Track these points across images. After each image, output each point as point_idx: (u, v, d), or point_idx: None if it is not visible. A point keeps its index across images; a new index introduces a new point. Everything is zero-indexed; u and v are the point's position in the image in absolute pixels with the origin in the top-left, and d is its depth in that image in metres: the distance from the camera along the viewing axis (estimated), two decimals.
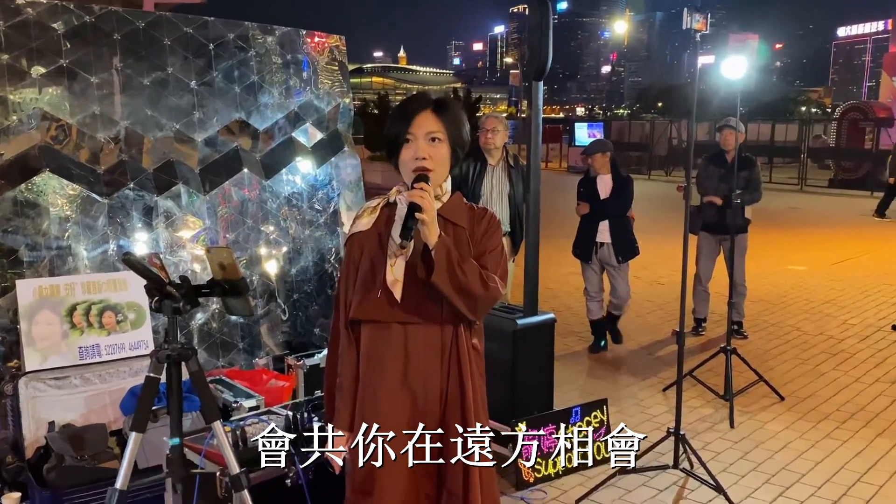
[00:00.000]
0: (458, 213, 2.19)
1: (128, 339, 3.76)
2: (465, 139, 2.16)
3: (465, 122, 2.18)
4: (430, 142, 2.11)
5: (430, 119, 2.11)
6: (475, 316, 2.13)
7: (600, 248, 6.15)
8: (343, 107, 5.08)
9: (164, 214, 4.19)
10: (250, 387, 3.77)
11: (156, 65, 4.23)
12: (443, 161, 2.12)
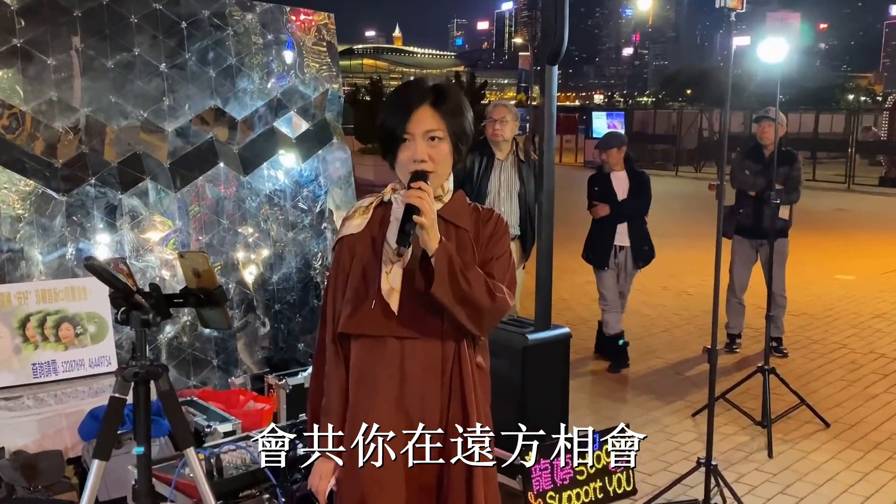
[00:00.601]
0: (461, 214, 2.20)
1: (87, 354, 3.77)
2: (467, 131, 2.17)
3: (467, 112, 2.18)
4: (429, 141, 2.11)
5: (428, 115, 2.12)
6: (480, 330, 2.14)
7: (619, 253, 6.18)
8: (332, 93, 5.10)
9: (129, 214, 4.20)
10: (226, 409, 3.77)
11: (121, 45, 4.25)
12: (444, 160, 2.14)
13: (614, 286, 6.24)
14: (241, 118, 4.66)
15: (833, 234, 13.04)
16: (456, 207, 2.21)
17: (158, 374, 2.36)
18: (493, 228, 2.20)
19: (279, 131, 4.83)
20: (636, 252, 6.18)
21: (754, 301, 7.24)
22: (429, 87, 2.16)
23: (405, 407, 2.14)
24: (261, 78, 4.75)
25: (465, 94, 2.32)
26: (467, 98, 2.26)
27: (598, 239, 6.19)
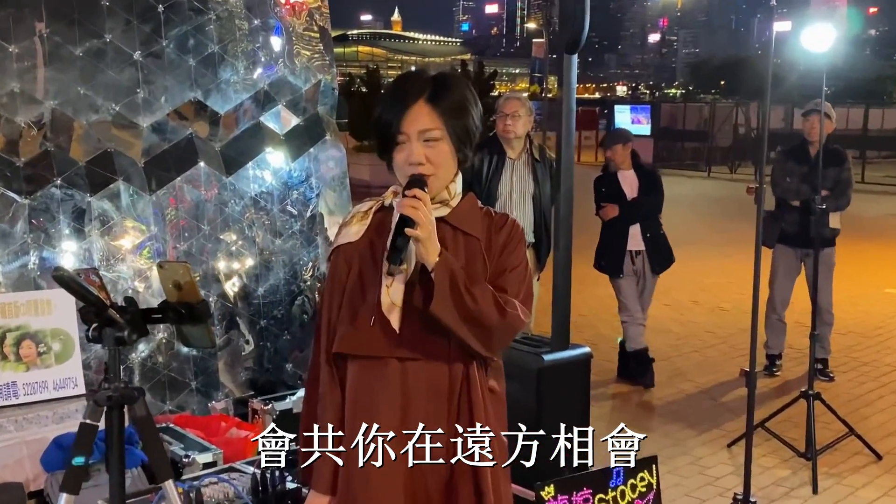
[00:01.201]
0: (471, 219, 2.21)
1: (52, 375, 3.78)
2: (471, 129, 2.16)
3: (472, 107, 2.17)
4: (425, 142, 2.12)
5: (423, 113, 2.12)
6: (490, 351, 2.14)
7: (636, 259, 6.20)
8: (325, 84, 5.13)
9: (98, 219, 4.23)
10: (205, 437, 3.78)
11: (90, 31, 4.28)
12: (445, 161, 2.14)
13: (635, 294, 6.28)
14: (224, 112, 4.69)
15: (884, 243, 13.02)
16: (465, 212, 2.21)
17: (134, 399, 2.37)
18: (507, 236, 2.20)
19: (266, 127, 4.85)
20: (653, 257, 6.21)
21: (796, 318, 7.24)
22: (427, 80, 2.16)
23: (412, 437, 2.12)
24: (246, 67, 4.77)
25: (472, 85, 2.33)
26: (475, 90, 2.26)
27: (610, 244, 6.23)
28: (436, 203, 2.16)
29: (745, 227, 6.42)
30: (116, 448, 2.38)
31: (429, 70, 2.26)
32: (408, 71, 2.34)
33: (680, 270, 10.57)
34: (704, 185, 22.92)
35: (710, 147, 26.77)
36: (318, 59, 5.11)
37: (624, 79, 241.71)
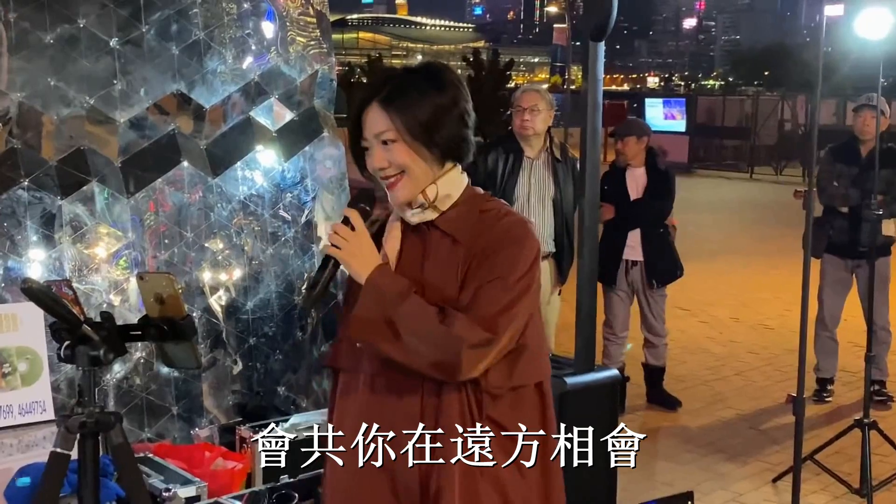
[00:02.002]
0: (465, 223, 2.22)
1: (17, 399, 3.79)
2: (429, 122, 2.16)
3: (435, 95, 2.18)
4: (383, 144, 2.19)
5: (376, 115, 2.19)
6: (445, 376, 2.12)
7: (631, 269, 6.21)
8: (322, 75, 5.14)
9: (70, 224, 4.25)
10: (188, 469, 3.78)
11: (62, 15, 4.30)
12: (407, 161, 2.18)
13: (625, 311, 6.32)
14: (210, 106, 4.71)
15: None
16: (461, 216, 2.23)
17: (110, 425, 2.38)
18: (494, 236, 2.17)
19: (257, 122, 4.87)
20: (652, 267, 6.19)
21: (849, 337, 7.22)
22: (380, 80, 2.25)
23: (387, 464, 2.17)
24: (234, 56, 4.79)
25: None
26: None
27: (603, 249, 6.19)
28: (415, 208, 2.22)
29: (792, 236, 6.41)
30: (90, 480, 2.39)
31: (391, 70, 2.31)
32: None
33: (719, 284, 10.60)
34: (746, 188, 22.90)
35: (753, 146, 26.73)
36: (315, 47, 5.13)
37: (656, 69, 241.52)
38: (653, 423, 6.24)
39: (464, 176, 2.27)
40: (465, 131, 2.23)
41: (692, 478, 5.29)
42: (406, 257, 2.23)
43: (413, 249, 2.24)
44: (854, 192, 6.19)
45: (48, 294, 2.29)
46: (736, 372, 7.41)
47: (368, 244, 2.17)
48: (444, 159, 2.22)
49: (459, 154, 2.24)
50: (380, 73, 2.30)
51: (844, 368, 7.04)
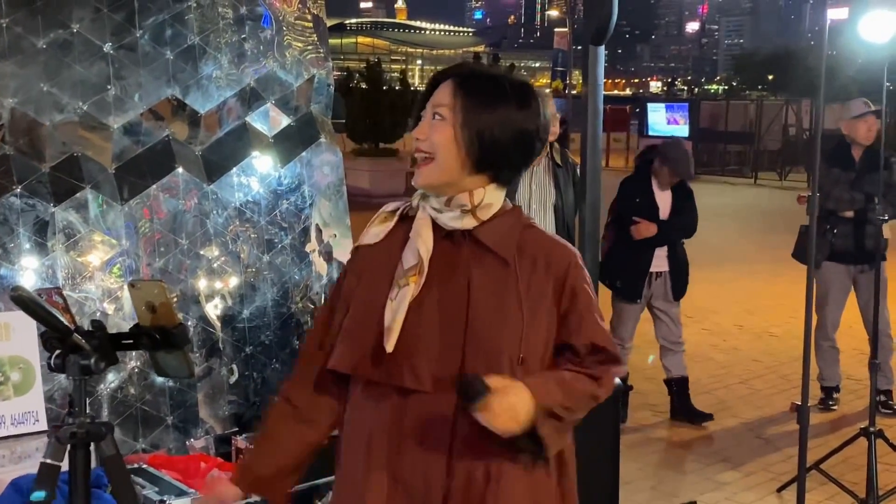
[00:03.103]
0: (509, 239, 2.17)
1: (10, 409, 3.78)
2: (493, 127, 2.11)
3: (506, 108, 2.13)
4: (432, 119, 2.15)
5: (446, 89, 2.16)
6: None
7: (655, 280, 6.21)
8: (319, 80, 5.14)
9: (63, 232, 4.24)
10: (183, 480, 3.78)
11: (55, 20, 4.30)
12: (444, 144, 2.12)
13: (635, 322, 6.32)
14: (206, 112, 4.70)
15: None
16: (502, 229, 2.18)
17: (101, 436, 2.37)
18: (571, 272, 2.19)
19: (253, 128, 4.87)
20: (676, 281, 6.20)
21: (854, 344, 7.22)
22: (468, 66, 2.23)
23: (404, 478, 2.13)
24: (230, 61, 4.80)
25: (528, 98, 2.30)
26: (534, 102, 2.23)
27: (629, 263, 6.19)
28: (454, 210, 2.16)
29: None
30: (82, 492, 2.38)
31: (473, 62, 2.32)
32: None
33: (723, 291, 10.60)
34: (750, 193, 22.90)
35: (757, 151, 26.76)
36: (312, 52, 5.13)
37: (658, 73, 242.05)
38: (656, 433, 6.23)
39: (503, 192, 2.23)
40: (517, 156, 2.19)
41: (696, 488, 5.28)
42: (437, 264, 2.14)
43: (445, 257, 2.15)
44: (858, 195, 6.19)
45: (38, 302, 2.28)
46: (740, 380, 7.40)
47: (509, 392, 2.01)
48: (478, 167, 2.15)
49: (500, 175, 2.19)
50: (467, 62, 2.30)
51: (850, 376, 7.04)
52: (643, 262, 6.16)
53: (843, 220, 6.29)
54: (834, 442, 5.61)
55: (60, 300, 2.44)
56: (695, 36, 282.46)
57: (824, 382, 6.68)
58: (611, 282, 6.24)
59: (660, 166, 6.20)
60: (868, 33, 4.82)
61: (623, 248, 6.19)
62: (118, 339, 2.49)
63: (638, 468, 5.51)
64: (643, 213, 6.15)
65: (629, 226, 6.15)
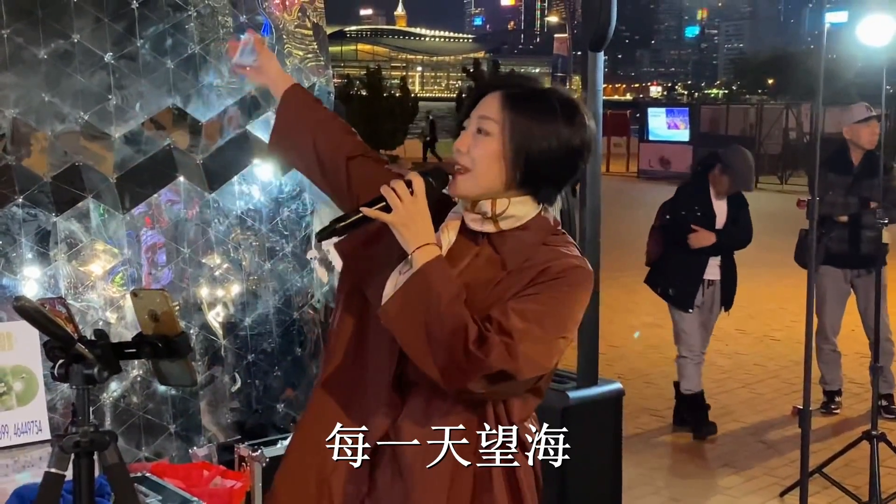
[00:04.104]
0: (523, 249, 2.15)
1: (13, 419, 3.79)
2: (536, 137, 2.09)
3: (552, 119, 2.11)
4: (477, 132, 2.13)
5: (494, 101, 2.14)
6: (448, 385, 2.04)
7: (707, 288, 6.14)
8: (319, 87, 5.15)
9: (65, 241, 4.25)
10: (186, 488, 3.78)
11: (56, 31, 4.31)
12: (485, 159, 2.11)
13: (699, 331, 6.19)
14: (206, 120, 4.71)
15: None
16: (521, 241, 2.16)
17: (105, 444, 2.38)
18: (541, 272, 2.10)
19: (254, 137, 4.87)
20: (726, 290, 6.16)
21: (856, 348, 7.22)
22: (515, 78, 2.21)
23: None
24: (230, 70, 4.80)
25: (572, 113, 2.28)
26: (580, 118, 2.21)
27: (684, 272, 6.10)
28: (476, 213, 2.17)
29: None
30: (86, 501, 2.39)
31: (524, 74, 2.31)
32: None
33: None
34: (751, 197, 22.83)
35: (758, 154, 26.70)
36: (312, 60, 5.14)
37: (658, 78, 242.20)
38: (658, 438, 6.23)
39: (537, 207, 2.20)
40: (561, 179, 2.19)
41: (698, 492, 5.28)
42: (453, 254, 2.15)
43: (460, 252, 2.17)
44: (853, 200, 6.20)
45: (41, 312, 2.29)
46: (742, 384, 7.40)
47: (425, 215, 2.08)
48: (522, 185, 2.14)
49: (542, 193, 2.18)
50: (516, 75, 2.27)
51: (852, 380, 7.04)
52: (697, 270, 6.08)
53: (838, 225, 6.30)
54: (836, 446, 5.61)
55: (63, 310, 2.45)
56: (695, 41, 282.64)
57: (826, 386, 6.68)
58: (663, 289, 6.18)
59: (720, 174, 6.11)
60: (866, 37, 4.83)
61: (677, 255, 6.12)
62: (121, 348, 2.50)
63: (640, 473, 5.51)
64: (699, 221, 6.06)
65: (685, 233, 6.06)
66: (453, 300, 2.01)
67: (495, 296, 2.09)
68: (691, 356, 6.18)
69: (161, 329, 2.48)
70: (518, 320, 2.02)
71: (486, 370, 1.99)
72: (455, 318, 2.00)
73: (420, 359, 2.03)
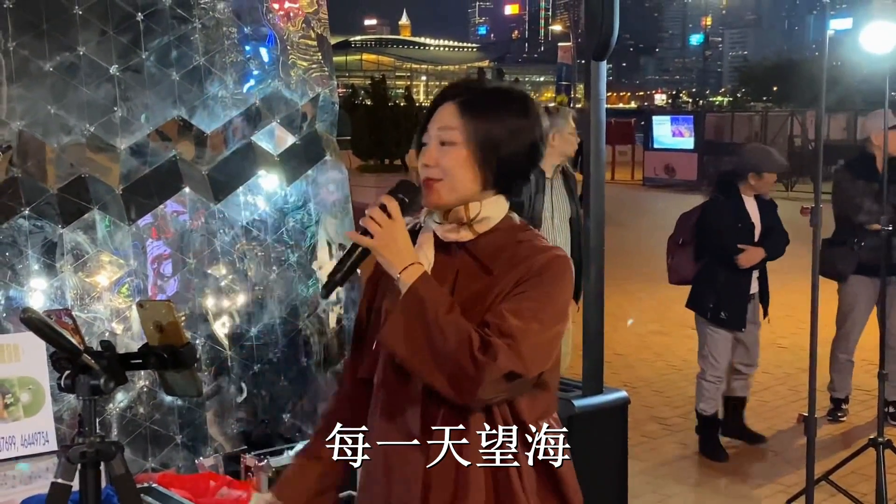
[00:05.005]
0: (500, 251, 2.18)
1: (20, 430, 3.80)
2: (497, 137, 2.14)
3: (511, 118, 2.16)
4: (441, 145, 2.16)
5: (449, 112, 2.17)
6: (461, 397, 2.07)
7: (748, 303, 6.01)
8: (324, 98, 5.17)
9: (72, 253, 4.26)
10: (192, 498, 3.79)
11: (62, 43, 4.33)
12: (456, 168, 2.14)
13: (728, 353, 6.06)
14: (211, 131, 4.73)
15: None
16: (496, 242, 2.19)
17: (111, 455, 2.38)
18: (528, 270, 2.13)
19: (258, 147, 4.89)
20: (764, 299, 6.10)
21: (863, 355, 7.19)
22: (462, 85, 2.24)
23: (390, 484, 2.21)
24: (235, 81, 4.82)
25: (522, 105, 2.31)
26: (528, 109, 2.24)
27: (732, 290, 5.92)
28: (451, 223, 2.19)
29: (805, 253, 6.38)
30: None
31: (469, 81, 2.31)
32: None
33: None
34: None
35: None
36: (317, 70, 5.16)
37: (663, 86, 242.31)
38: (664, 445, 6.22)
39: (506, 204, 2.23)
40: (528, 166, 2.21)
41: (706, 500, 5.27)
42: (435, 275, 2.16)
43: (443, 269, 2.19)
44: (889, 207, 6.12)
45: (47, 323, 2.30)
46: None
47: (405, 236, 2.11)
48: (494, 185, 2.18)
49: (511, 187, 2.21)
50: (462, 81, 2.28)
51: (859, 387, 7.02)
52: (744, 287, 5.93)
53: (870, 233, 6.16)
54: (843, 453, 5.60)
55: (70, 321, 2.46)
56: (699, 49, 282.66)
57: (834, 393, 6.67)
58: (712, 313, 5.96)
59: (756, 176, 5.92)
60: (869, 44, 4.83)
61: (722, 276, 5.92)
62: (127, 358, 2.50)
63: (646, 482, 5.50)
64: (741, 235, 5.90)
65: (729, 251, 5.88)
66: (449, 311, 2.05)
67: (487, 302, 2.12)
68: (716, 377, 6.03)
69: (167, 340, 2.49)
70: (515, 320, 2.05)
71: (495, 374, 2.01)
72: (456, 328, 2.03)
73: (428, 376, 2.06)
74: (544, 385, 2.20)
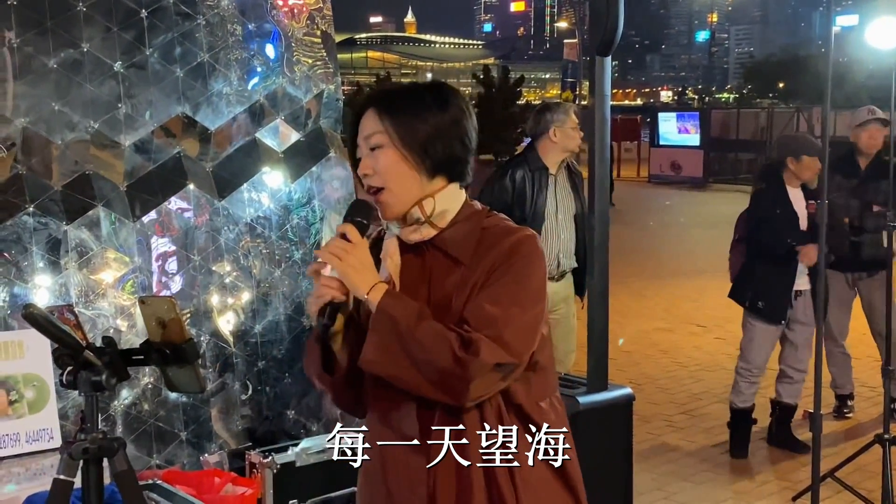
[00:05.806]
0: (467, 241, 2.19)
1: (24, 427, 3.80)
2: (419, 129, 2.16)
3: (434, 110, 2.18)
4: (371, 151, 2.19)
5: (369, 119, 2.20)
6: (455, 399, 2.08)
7: (796, 300, 5.91)
8: (328, 95, 5.16)
9: (76, 249, 4.26)
10: (197, 495, 3.79)
11: (66, 40, 4.33)
12: (391, 170, 2.16)
13: (769, 349, 6.00)
14: (216, 128, 4.73)
15: None
16: (461, 234, 2.20)
17: (114, 451, 2.38)
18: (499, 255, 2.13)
19: (263, 144, 4.89)
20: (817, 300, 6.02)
21: (868, 352, 7.19)
22: (379, 90, 2.28)
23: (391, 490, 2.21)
24: (239, 78, 4.82)
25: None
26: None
27: (772, 281, 5.86)
28: (410, 224, 2.20)
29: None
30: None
31: (386, 86, 2.35)
32: None
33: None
34: None
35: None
36: (321, 67, 5.16)
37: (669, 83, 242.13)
38: (669, 443, 6.21)
39: (462, 192, 2.25)
40: (463, 153, 2.22)
41: (711, 497, 5.27)
42: (406, 278, 2.19)
43: (413, 270, 2.20)
44: (854, 203, 6.16)
45: (48, 319, 2.30)
46: None
47: (367, 257, 2.13)
48: (435, 173, 2.19)
49: (455, 173, 2.22)
50: (377, 88, 2.34)
51: (864, 383, 7.01)
52: (787, 280, 5.82)
53: (842, 228, 6.21)
54: (849, 449, 5.59)
55: (72, 317, 2.46)
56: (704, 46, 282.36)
57: (838, 390, 6.66)
58: (751, 302, 5.92)
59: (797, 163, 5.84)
60: (874, 40, 4.82)
61: (763, 265, 5.89)
62: (129, 355, 2.51)
63: (651, 479, 5.50)
64: (779, 221, 5.81)
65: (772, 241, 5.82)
66: (421, 319, 2.06)
67: (465, 294, 2.13)
68: (748, 374, 5.98)
69: (169, 336, 2.49)
70: (494, 309, 2.07)
71: (482, 369, 2.02)
72: (431, 333, 2.04)
73: (416, 387, 2.07)
74: (536, 366, 2.19)
